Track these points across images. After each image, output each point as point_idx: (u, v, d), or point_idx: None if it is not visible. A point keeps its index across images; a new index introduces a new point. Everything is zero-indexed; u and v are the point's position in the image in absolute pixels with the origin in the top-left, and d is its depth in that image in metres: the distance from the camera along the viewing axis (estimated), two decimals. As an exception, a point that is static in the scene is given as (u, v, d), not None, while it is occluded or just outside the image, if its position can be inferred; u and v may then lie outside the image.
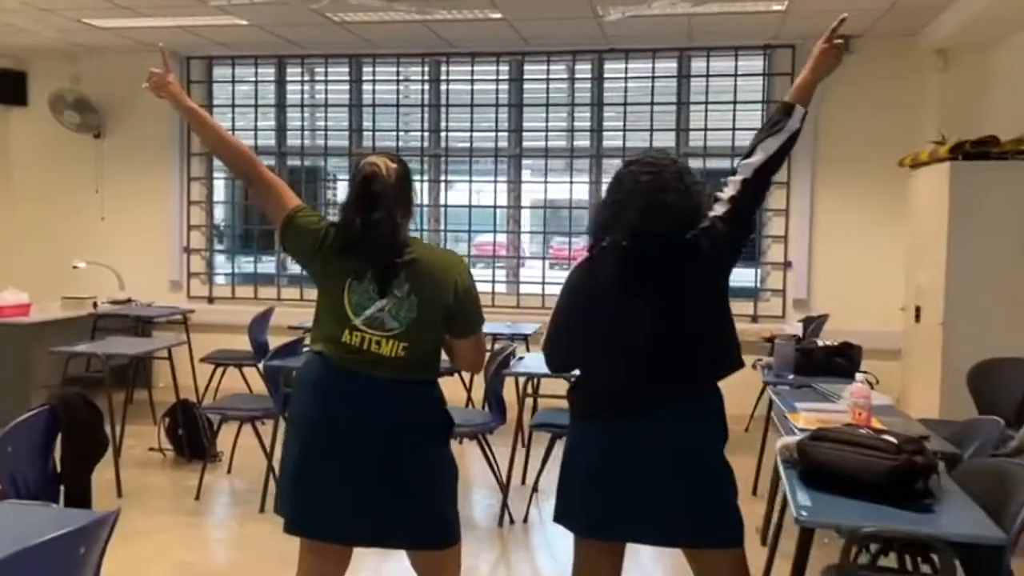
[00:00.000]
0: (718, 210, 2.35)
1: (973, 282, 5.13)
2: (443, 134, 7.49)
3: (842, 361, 4.54)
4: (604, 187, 2.34)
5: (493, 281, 7.42)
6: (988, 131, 5.63)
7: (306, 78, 7.79)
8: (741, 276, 6.99)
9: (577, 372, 2.49)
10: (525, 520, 4.55)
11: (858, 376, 3.14)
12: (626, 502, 2.29)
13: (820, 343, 4.64)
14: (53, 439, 3.07)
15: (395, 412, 2.39)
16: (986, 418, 3.23)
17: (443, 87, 7.48)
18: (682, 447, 2.28)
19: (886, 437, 2.57)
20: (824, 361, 4.48)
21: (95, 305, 6.75)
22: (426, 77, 7.50)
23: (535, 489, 4.76)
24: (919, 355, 5.67)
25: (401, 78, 7.54)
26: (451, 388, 3.22)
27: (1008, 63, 5.85)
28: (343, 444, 2.37)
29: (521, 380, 4.88)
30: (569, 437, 2.45)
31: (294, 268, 7.95)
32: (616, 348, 2.30)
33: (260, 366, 6.41)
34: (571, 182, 7.32)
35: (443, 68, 7.47)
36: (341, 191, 8.04)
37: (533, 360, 4.85)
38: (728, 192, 2.37)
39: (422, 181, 7.49)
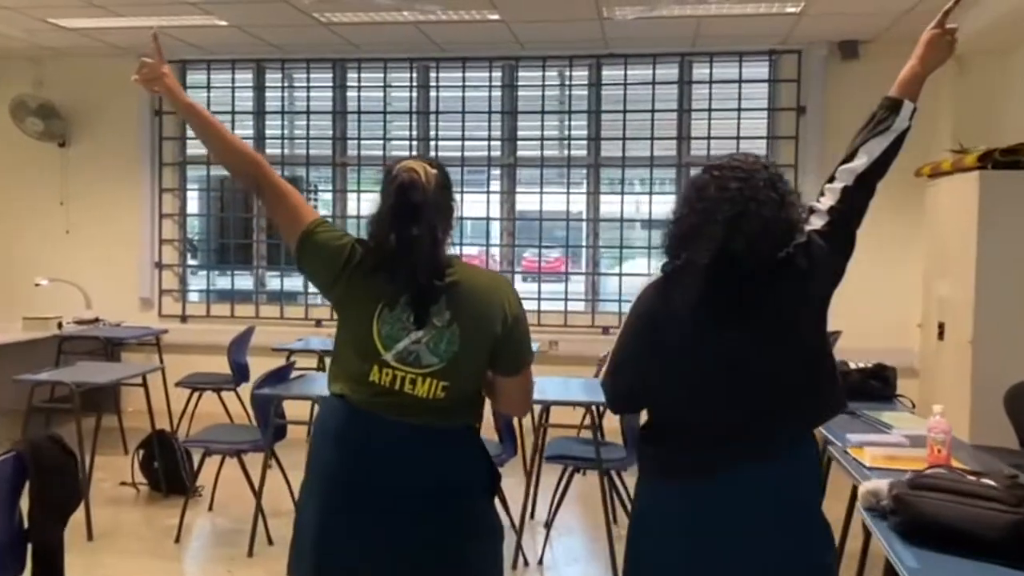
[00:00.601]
0: (816, 223, 2.01)
1: (1005, 298, 4.87)
2: (432, 143, 7.12)
3: (877, 384, 4.26)
4: (683, 198, 1.97)
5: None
6: (1005, 139, 5.40)
7: (286, 84, 7.38)
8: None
9: (644, 415, 2.12)
10: (540, 562, 4.17)
11: (935, 408, 2.82)
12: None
13: (853, 365, 4.34)
14: (19, 489, 2.65)
15: (435, 469, 2.01)
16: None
17: (432, 93, 7.12)
18: (784, 512, 1.92)
19: (990, 482, 2.26)
20: (860, 384, 4.18)
21: (60, 326, 6.30)
22: (414, 83, 7.12)
23: (548, 526, 4.39)
24: (944, 375, 5.40)
25: (388, 84, 7.15)
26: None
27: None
28: (371, 508, 1.99)
29: (536, 408, 4.50)
30: (639, 503, 2.07)
31: (273, 284, 7.54)
32: (702, 389, 1.95)
33: (239, 390, 6.11)
34: (568, 193, 6.99)
35: (432, 74, 7.11)
36: (323, 203, 7.64)
37: (550, 384, 4.48)
38: (827, 202, 2.04)
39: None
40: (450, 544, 2.01)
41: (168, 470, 4.99)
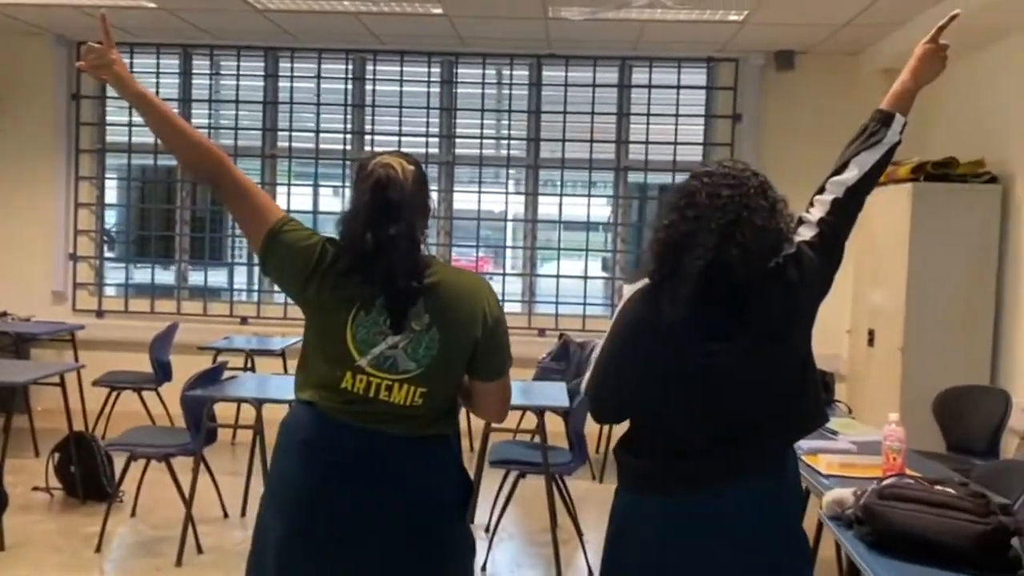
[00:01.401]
0: (805, 234, 1.98)
1: (935, 306, 5.02)
2: (368, 137, 6.95)
3: (816, 390, 4.33)
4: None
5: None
6: (934, 151, 5.58)
7: (214, 71, 7.10)
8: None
9: (627, 424, 2.06)
10: (484, 568, 4.08)
11: (891, 416, 2.86)
12: None
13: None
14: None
15: (408, 483, 1.91)
16: (1021, 461, 3.00)
17: (368, 86, 6.95)
18: (767, 527, 1.89)
19: (950, 491, 2.28)
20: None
21: (-36, 320, 5.89)
22: (350, 75, 6.94)
23: (490, 532, 4.31)
24: (873, 380, 5.54)
25: (322, 75, 6.95)
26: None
27: (951, 86, 5.82)
28: (343, 526, 1.88)
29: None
30: (617, 514, 2.00)
31: (196, 279, 7.24)
32: (688, 399, 1.90)
33: (161, 390, 5.84)
34: (506, 193, 6.92)
35: (369, 66, 6.94)
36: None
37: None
38: (817, 213, 2.01)
39: (343, 187, 6.94)
40: (422, 569, 1.92)
41: (86, 474, 4.71)
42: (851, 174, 2.00)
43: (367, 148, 6.93)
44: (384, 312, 1.89)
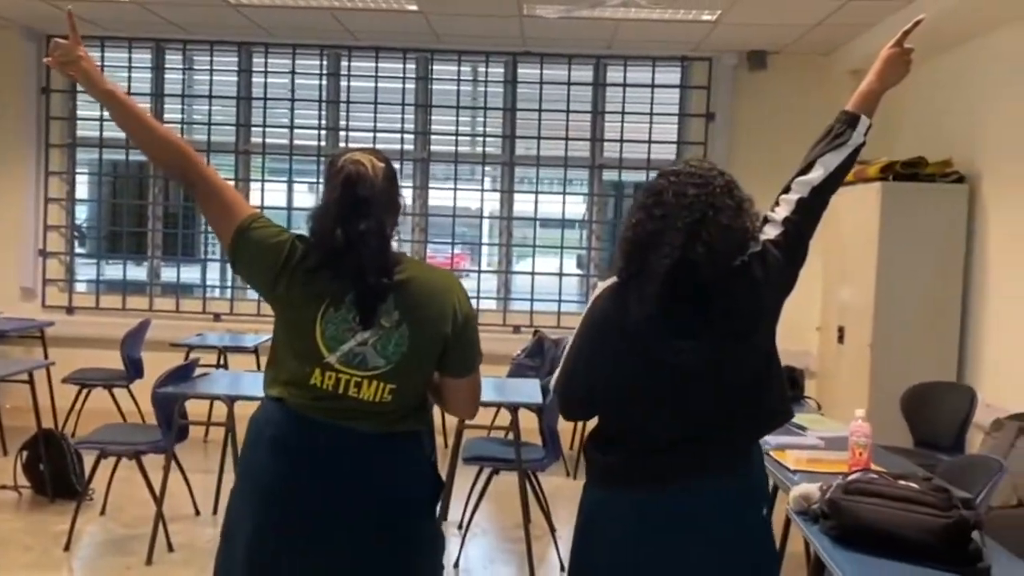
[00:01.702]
0: (770, 233, 2.01)
1: (903, 304, 5.09)
2: (343, 133, 6.93)
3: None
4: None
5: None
6: (901, 151, 5.66)
7: (187, 66, 7.04)
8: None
9: (596, 422, 2.08)
10: (456, 565, 4.10)
11: (857, 412, 2.90)
12: None
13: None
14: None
15: (378, 480, 1.92)
16: (985, 456, 3.06)
17: (343, 82, 6.93)
18: (733, 523, 1.91)
19: (913, 485, 2.32)
20: (771, 387, 4.29)
21: (-70, 316, 5.81)
22: (325, 71, 6.91)
23: (463, 528, 4.32)
24: (843, 377, 5.61)
25: (296, 70, 6.91)
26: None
27: (919, 87, 5.91)
28: (312, 522, 1.88)
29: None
30: (585, 510, 2.02)
31: (169, 275, 7.18)
32: (655, 397, 1.92)
33: (132, 387, 5.79)
34: (482, 189, 6.93)
35: (344, 62, 6.92)
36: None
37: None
38: (782, 212, 2.04)
39: (317, 183, 6.90)
40: (391, 565, 1.92)
41: (56, 472, 4.66)
42: (816, 174, 2.03)
43: (342, 144, 6.90)
44: (353, 308, 1.89)
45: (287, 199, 6.97)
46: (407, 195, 6.89)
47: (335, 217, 1.89)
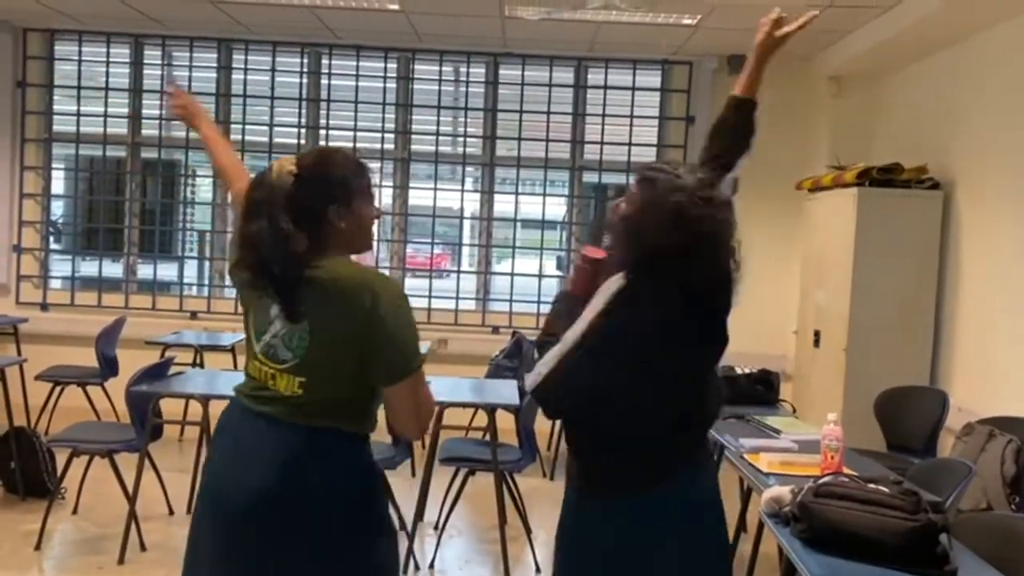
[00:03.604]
0: None
1: (878, 308, 5.13)
2: (323, 132, 6.90)
3: (761, 388, 4.41)
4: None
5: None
6: (878, 157, 5.71)
7: (166, 62, 6.98)
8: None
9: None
10: (432, 565, 4.09)
11: (830, 416, 2.92)
12: None
13: (740, 370, 4.46)
14: None
15: (287, 468, 1.89)
16: (955, 460, 3.10)
17: (324, 81, 6.90)
18: (693, 526, 1.94)
19: (883, 488, 2.34)
20: (747, 389, 4.32)
21: (-100, 311, 5.73)
22: (305, 68, 6.88)
23: (439, 529, 4.32)
24: (818, 380, 5.65)
25: (276, 68, 6.88)
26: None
27: (896, 93, 5.97)
28: (224, 516, 1.97)
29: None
30: (569, 513, 2.03)
31: (145, 273, 7.13)
32: (639, 402, 1.92)
33: (107, 385, 5.74)
34: (462, 190, 6.92)
35: (324, 60, 6.89)
36: (202, 188, 7.29)
37: (440, 384, 4.39)
38: None
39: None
40: (291, 564, 1.92)
41: (27, 470, 4.60)
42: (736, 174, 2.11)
43: (322, 143, 6.87)
44: (273, 302, 1.95)
45: (266, 197, 6.92)
46: (387, 195, 6.92)
47: (236, 219, 2.09)
